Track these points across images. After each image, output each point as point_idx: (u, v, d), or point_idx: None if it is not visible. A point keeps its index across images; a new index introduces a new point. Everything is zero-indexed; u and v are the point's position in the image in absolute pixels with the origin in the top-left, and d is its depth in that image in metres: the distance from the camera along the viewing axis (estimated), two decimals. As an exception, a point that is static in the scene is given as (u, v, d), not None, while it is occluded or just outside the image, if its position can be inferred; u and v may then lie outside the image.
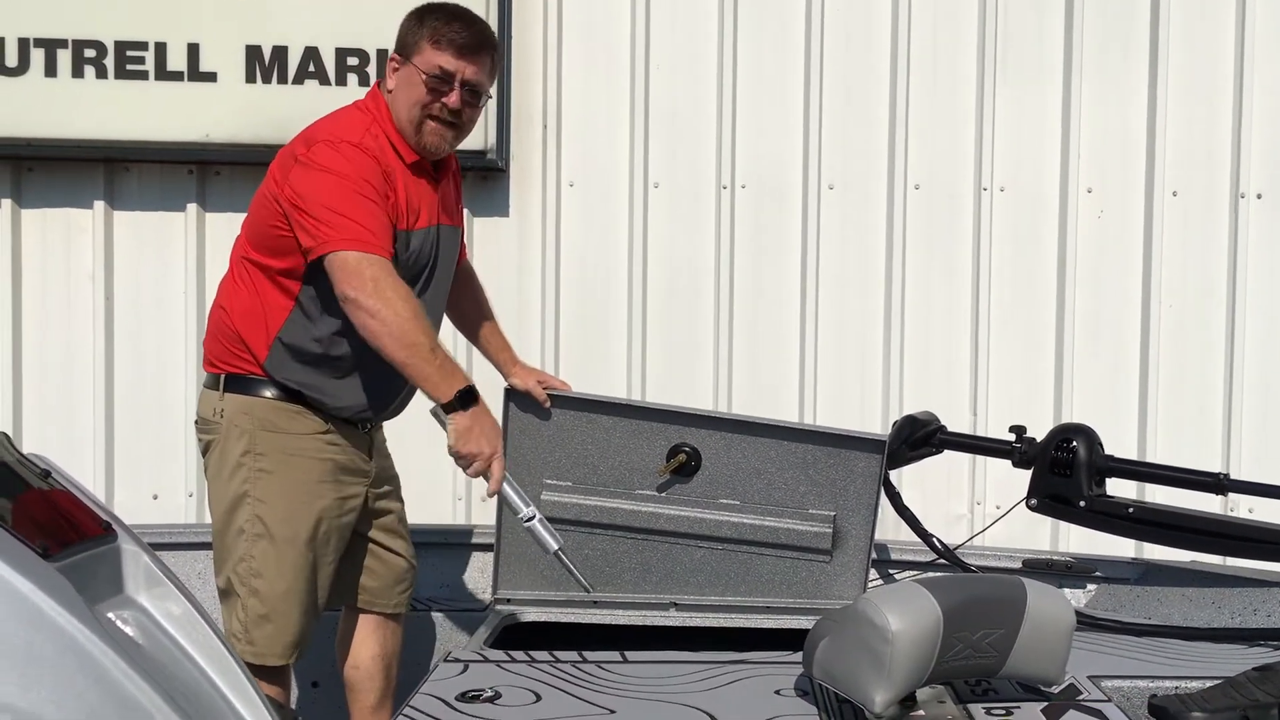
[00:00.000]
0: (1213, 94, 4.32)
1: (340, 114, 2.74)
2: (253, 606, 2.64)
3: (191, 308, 4.30)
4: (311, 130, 2.69)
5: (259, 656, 2.62)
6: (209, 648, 1.83)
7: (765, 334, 4.35)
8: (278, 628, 2.64)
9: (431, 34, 2.67)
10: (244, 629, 2.65)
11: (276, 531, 2.64)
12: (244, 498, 2.66)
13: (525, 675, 2.27)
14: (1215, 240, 4.33)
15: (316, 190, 2.54)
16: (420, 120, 2.67)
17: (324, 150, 2.59)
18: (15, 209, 4.29)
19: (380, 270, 2.48)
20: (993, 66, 4.32)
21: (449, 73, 2.66)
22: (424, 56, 2.67)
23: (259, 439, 2.66)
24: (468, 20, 2.72)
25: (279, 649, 2.65)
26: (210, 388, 2.76)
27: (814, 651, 2.12)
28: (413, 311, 2.48)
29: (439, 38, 2.66)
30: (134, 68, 4.15)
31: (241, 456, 2.66)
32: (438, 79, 2.66)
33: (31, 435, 4.25)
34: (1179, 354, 4.33)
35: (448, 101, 2.67)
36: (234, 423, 2.68)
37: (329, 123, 2.70)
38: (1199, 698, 2.12)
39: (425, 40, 2.67)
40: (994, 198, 4.35)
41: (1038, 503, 2.97)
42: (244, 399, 2.68)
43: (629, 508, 3.08)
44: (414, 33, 2.69)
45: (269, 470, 2.65)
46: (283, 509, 2.65)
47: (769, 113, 4.34)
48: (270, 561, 2.64)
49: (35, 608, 1.58)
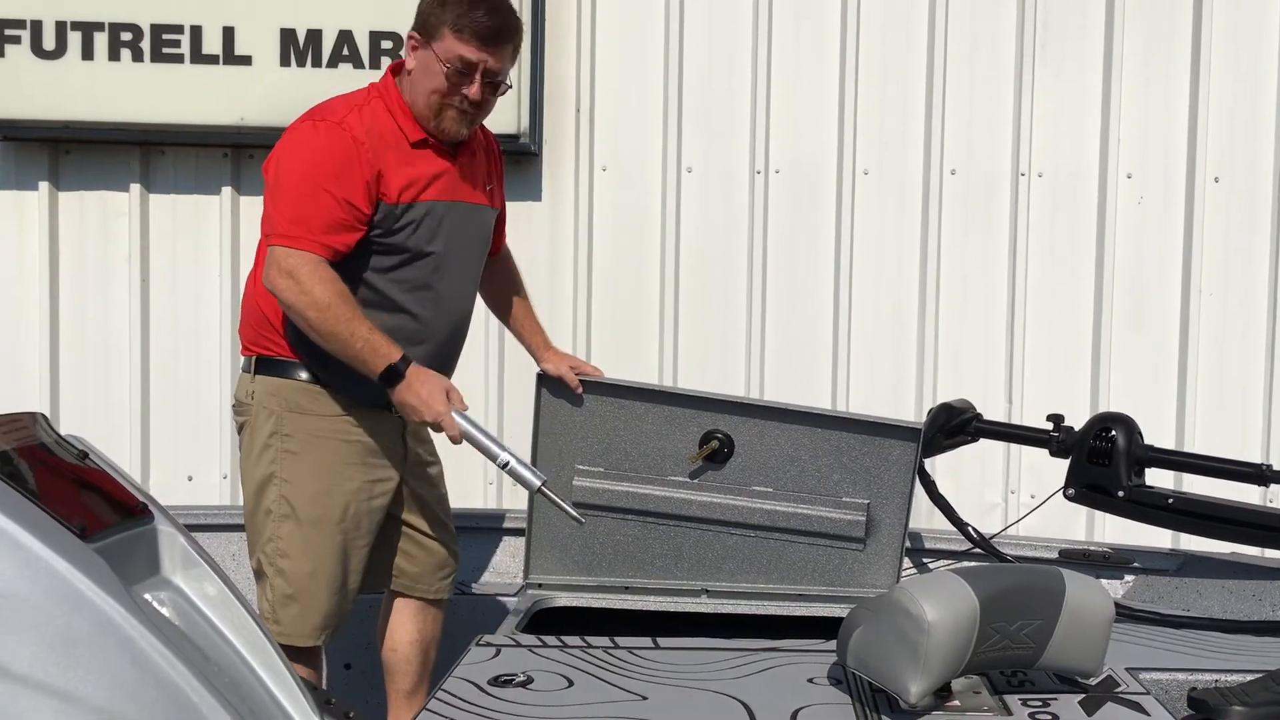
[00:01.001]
0: (1255, 79, 4.25)
1: (344, 94, 2.72)
2: (279, 587, 2.66)
3: (226, 290, 4.32)
4: (311, 109, 2.69)
5: (286, 637, 2.62)
6: (244, 629, 1.84)
7: (799, 320, 4.32)
8: (304, 608, 2.66)
9: (454, 20, 2.58)
10: (272, 609, 2.66)
11: (303, 512, 2.65)
12: (271, 479, 2.67)
13: (557, 660, 2.26)
14: (1257, 227, 4.27)
15: (279, 171, 2.57)
16: (439, 108, 2.63)
17: (302, 128, 2.60)
18: (53, 191, 4.32)
19: (295, 262, 2.49)
20: (1031, 50, 4.27)
21: (470, 64, 2.60)
22: (445, 44, 2.59)
23: (286, 420, 2.67)
24: (491, 5, 2.62)
25: (306, 630, 2.66)
26: (244, 370, 2.78)
27: (848, 640, 2.10)
28: (324, 301, 2.48)
29: (461, 26, 2.58)
30: (170, 51, 4.16)
31: (269, 438, 2.67)
32: (459, 71, 2.60)
33: (69, 417, 4.28)
34: (1219, 342, 4.27)
35: (468, 94, 2.62)
36: (263, 404, 2.69)
37: (327, 100, 2.69)
38: (1239, 691, 2.09)
39: (447, 27, 2.58)
40: (1031, 183, 4.30)
41: (1075, 492, 2.94)
42: (273, 380, 2.70)
43: (661, 494, 3.07)
44: (435, 14, 2.61)
45: (295, 451, 2.66)
46: (310, 490, 2.65)
47: (804, 97, 4.30)
48: (296, 542, 2.65)
49: (73, 588, 1.59)
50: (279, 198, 2.56)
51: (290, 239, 2.51)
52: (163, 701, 1.60)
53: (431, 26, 2.61)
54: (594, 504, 3.03)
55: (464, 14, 2.58)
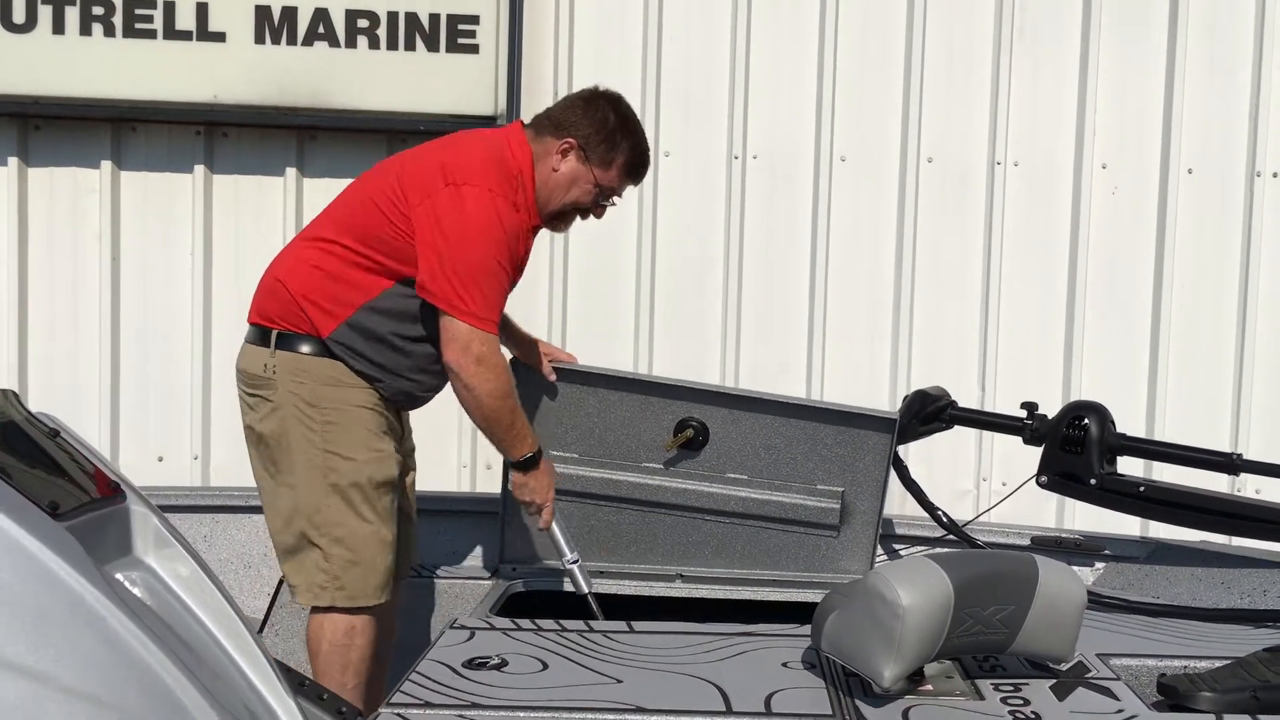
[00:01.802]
0: (1230, 72, 4.28)
1: (488, 152, 2.71)
2: (339, 554, 2.68)
3: (198, 269, 4.28)
4: (461, 159, 2.67)
5: (353, 599, 2.69)
6: (216, 609, 1.83)
7: (774, 306, 4.33)
8: (365, 569, 2.70)
9: (627, 163, 2.78)
10: (332, 577, 2.68)
11: (355, 478, 2.68)
12: (314, 451, 2.68)
13: (532, 643, 2.26)
14: (1230, 218, 4.30)
15: (463, 241, 2.60)
16: (567, 216, 2.80)
17: (479, 198, 2.61)
18: (22, 168, 4.26)
19: (487, 349, 2.64)
20: (1009, 41, 4.28)
21: (613, 192, 2.82)
22: (609, 175, 2.77)
23: (321, 393, 2.69)
24: (647, 148, 2.83)
25: (370, 589, 2.70)
26: (257, 343, 2.75)
27: (823, 625, 2.11)
28: (504, 390, 2.68)
29: (633, 171, 2.80)
30: (142, 26, 4.11)
31: (306, 410, 2.68)
32: (606, 197, 2.81)
33: (38, 395, 4.24)
34: (1191, 332, 4.30)
35: (596, 214, 2.83)
36: (292, 378, 2.69)
37: (479, 160, 2.68)
38: (1208, 678, 2.11)
39: (618, 165, 2.76)
40: (1007, 172, 4.31)
41: (1048, 480, 2.96)
42: (296, 356, 2.70)
43: (635, 480, 3.07)
44: (611, 145, 2.75)
45: (335, 422, 2.69)
46: (358, 457, 2.69)
47: (782, 83, 4.30)
48: (353, 507, 2.68)
49: (44, 567, 1.57)
50: (472, 271, 2.61)
51: (483, 321, 2.62)
52: (134, 681, 1.59)
53: (602, 154, 2.75)
54: (568, 490, 3.02)
55: (639, 159, 2.80)
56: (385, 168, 2.80)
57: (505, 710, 1.93)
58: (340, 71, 4.14)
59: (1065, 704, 2.02)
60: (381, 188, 2.71)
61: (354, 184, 2.84)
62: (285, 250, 2.85)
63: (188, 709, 1.62)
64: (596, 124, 2.75)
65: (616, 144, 2.75)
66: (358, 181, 2.84)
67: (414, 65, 4.15)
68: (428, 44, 4.15)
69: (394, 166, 2.76)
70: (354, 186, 2.83)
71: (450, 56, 4.16)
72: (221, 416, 4.29)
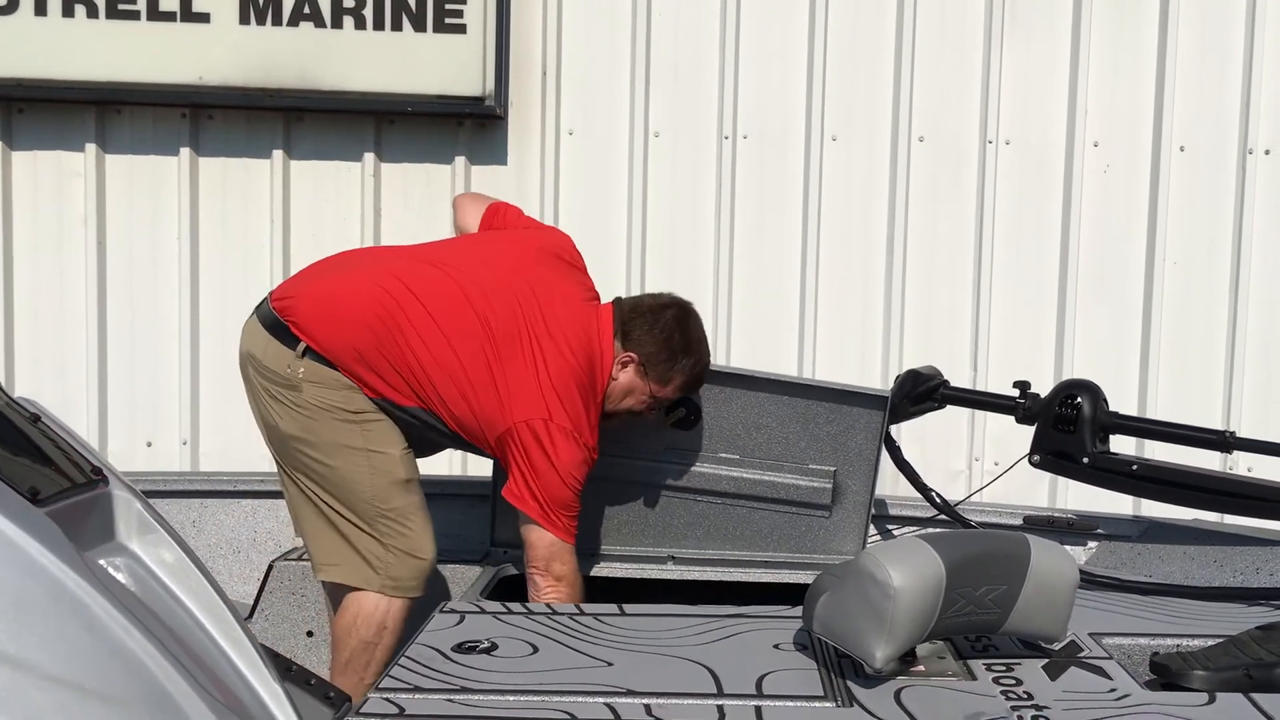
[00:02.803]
0: (1223, 49, 4.26)
1: (578, 359, 2.74)
2: (404, 546, 2.73)
3: (185, 252, 4.25)
4: (560, 395, 2.70)
5: (402, 590, 2.74)
6: (202, 595, 1.81)
7: (766, 285, 4.31)
8: (419, 563, 2.76)
9: (683, 381, 2.86)
10: (387, 565, 2.72)
11: (402, 474, 2.74)
12: (355, 452, 2.70)
13: (522, 627, 2.24)
14: (1222, 196, 4.29)
15: (552, 481, 2.69)
16: (622, 416, 2.88)
17: (570, 445, 2.69)
18: (6, 151, 4.22)
19: (567, 569, 2.73)
20: (1000, 18, 4.26)
21: (668, 402, 2.92)
22: (665, 390, 2.85)
23: (354, 399, 2.70)
24: (708, 364, 2.92)
25: (420, 581, 2.77)
26: (285, 344, 2.71)
27: (814, 606, 2.10)
28: (572, 600, 2.72)
29: (689, 388, 2.90)
30: (125, 8, 4.07)
31: (351, 414, 2.70)
32: (661, 405, 2.91)
33: (24, 381, 4.21)
34: (1183, 311, 4.30)
35: (647, 415, 2.91)
36: (321, 384, 2.69)
37: (573, 380, 2.72)
38: (1201, 656, 2.10)
39: (675, 384, 2.85)
40: (999, 151, 4.29)
41: (1040, 459, 2.95)
42: (322, 369, 2.70)
43: (627, 461, 3.06)
44: (671, 365, 2.83)
45: (377, 420, 2.72)
46: (399, 454, 2.75)
47: (772, 61, 4.27)
48: (407, 500, 2.74)
49: (24, 553, 1.55)
50: (562, 501, 2.71)
51: (568, 536, 2.73)
52: (118, 668, 1.57)
53: (662, 371, 2.83)
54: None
55: (697, 378, 2.90)
56: (508, 284, 2.78)
57: (495, 694, 1.92)
58: (327, 52, 4.10)
59: (1058, 683, 2.01)
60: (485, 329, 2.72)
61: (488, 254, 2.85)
62: (366, 277, 2.77)
63: (173, 696, 1.60)
64: (660, 343, 2.82)
65: (676, 363, 2.83)
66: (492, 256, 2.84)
67: (401, 46, 4.11)
68: (415, 24, 4.11)
69: (520, 293, 2.76)
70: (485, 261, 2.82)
71: (437, 37, 4.12)
72: (210, 402, 4.27)
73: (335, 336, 2.70)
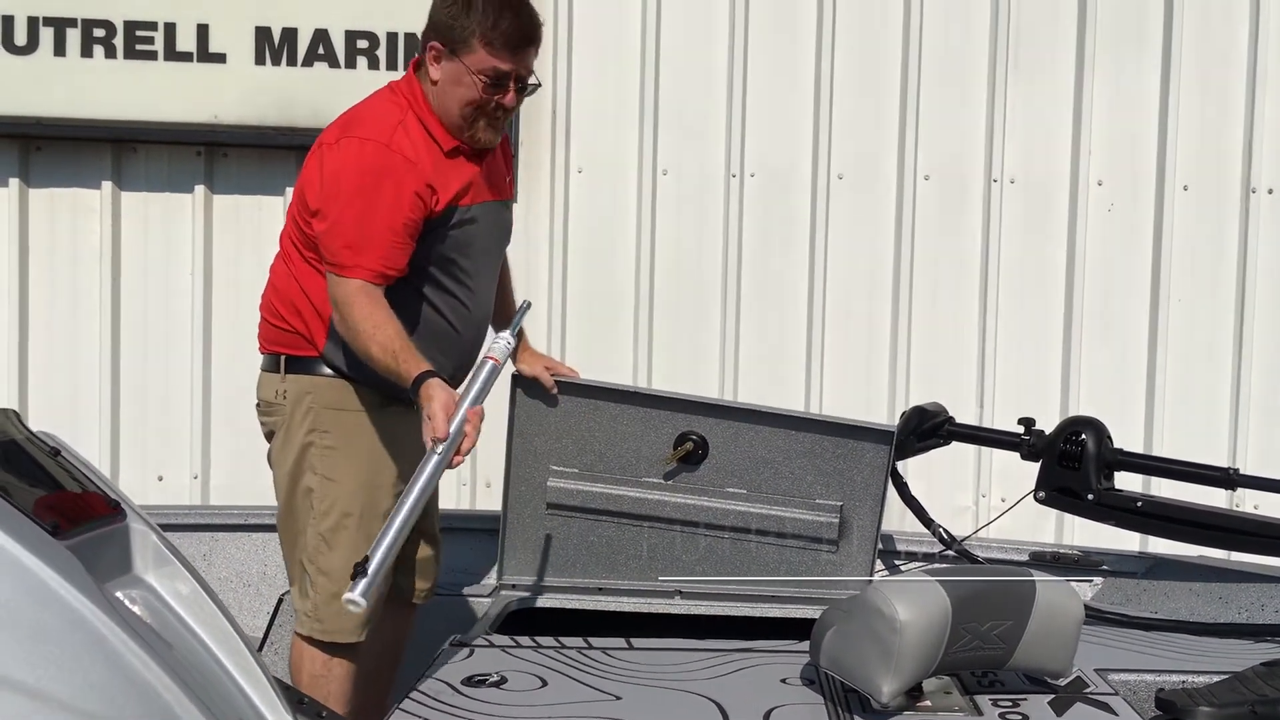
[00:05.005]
0: (1225, 88, 4.30)
1: (373, 101, 2.65)
2: (323, 585, 2.62)
3: (198, 289, 4.29)
4: (343, 119, 2.63)
5: (330, 634, 2.62)
6: (216, 627, 1.83)
7: (772, 323, 4.34)
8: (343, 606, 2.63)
9: (482, 32, 2.50)
10: (314, 608, 2.63)
11: (346, 507, 2.63)
12: (311, 476, 2.64)
13: (531, 660, 2.26)
14: (1226, 235, 4.31)
15: (331, 194, 2.50)
16: (474, 118, 2.57)
17: (350, 147, 2.52)
18: (23, 188, 4.28)
19: (351, 292, 2.47)
20: (1004, 57, 4.30)
21: (504, 74, 2.54)
22: (476, 57, 2.51)
23: (323, 417, 2.64)
24: (514, 9, 2.55)
25: (350, 626, 2.62)
26: (269, 370, 2.73)
27: (821, 640, 2.11)
28: (373, 326, 2.44)
29: (492, 38, 2.50)
30: (143, 48, 4.13)
31: (307, 435, 2.64)
32: (493, 83, 2.54)
33: (38, 415, 4.24)
34: (1187, 349, 4.31)
35: (504, 103, 2.57)
36: (298, 403, 2.66)
37: (361, 111, 2.63)
38: (1206, 692, 2.11)
39: (475, 39, 2.50)
40: (1004, 189, 4.33)
41: (1046, 495, 2.96)
42: (306, 379, 2.66)
43: (635, 495, 3.07)
44: (460, 24, 2.51)
45: (334, 447, 2.64)
46: (351, 485, 2.63)
47: (779, 101, 4.32)
48: (340, 538, 2.62)
49: (44, 585, 1.57)
50: (333, 223, 2.50)
51: (344, 269, 2.48)
52: (134, 699, 1.59)
53: (457, 38, 2.52)
54: (568, 505, 3.03)
55: (493, 25, 2.50)
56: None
57: (504, 727, 1.93)
58: (340, 92, 4.14)
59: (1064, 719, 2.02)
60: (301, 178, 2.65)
61: None
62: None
63: (187, 727, 1.62)
64: (444, 11, 2.54)
65: (466, 19, 2.50)
66: None
67: (413, 85, 4.16)
68: (427, 64, 4.16)
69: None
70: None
71: (449, 76, 4.16)
72: (221, 437, 4.29)
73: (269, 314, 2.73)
